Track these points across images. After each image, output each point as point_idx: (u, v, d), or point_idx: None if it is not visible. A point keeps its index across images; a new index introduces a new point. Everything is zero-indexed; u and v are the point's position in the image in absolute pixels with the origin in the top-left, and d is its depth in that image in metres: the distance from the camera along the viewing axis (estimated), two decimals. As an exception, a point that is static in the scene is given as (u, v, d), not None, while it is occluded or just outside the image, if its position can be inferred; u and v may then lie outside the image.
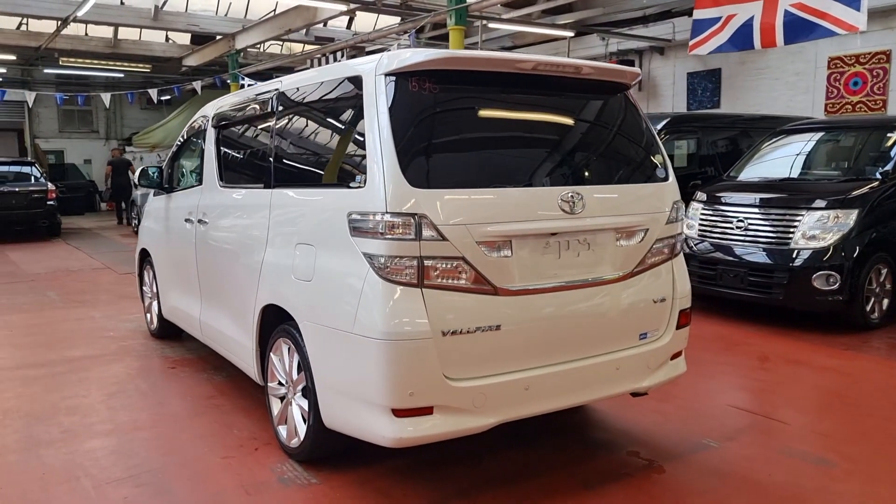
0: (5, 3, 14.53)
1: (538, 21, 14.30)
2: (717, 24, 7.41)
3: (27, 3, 14.77)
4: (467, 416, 3.08)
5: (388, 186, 2.95)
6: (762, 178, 7.49)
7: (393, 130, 3.01)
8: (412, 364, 2.96)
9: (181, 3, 16.15)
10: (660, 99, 15.40)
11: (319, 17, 12.96)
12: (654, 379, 3.67)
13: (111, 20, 15.54)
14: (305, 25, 13.57)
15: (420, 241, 2.94)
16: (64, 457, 3.79)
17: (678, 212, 3.76)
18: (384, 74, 3.12)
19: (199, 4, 16.65)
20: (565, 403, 3.39)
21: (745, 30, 7.15)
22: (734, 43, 7.35)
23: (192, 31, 16.03)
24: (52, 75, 21.93)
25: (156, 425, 4.22)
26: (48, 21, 15.57)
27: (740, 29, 7.19)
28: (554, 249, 3.28)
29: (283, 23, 14.14)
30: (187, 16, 16.25)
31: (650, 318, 3.64)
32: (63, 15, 14.54)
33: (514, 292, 3.16)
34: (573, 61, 3.47)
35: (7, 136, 25.10)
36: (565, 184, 3.29)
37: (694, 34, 7.72)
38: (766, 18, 6.96)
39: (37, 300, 8.10)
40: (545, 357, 3.27)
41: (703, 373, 5.32)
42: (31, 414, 4.42)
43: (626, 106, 3.75)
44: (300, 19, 13.56)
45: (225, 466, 3.67)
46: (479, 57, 3.22)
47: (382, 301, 2.97)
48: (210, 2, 16.54)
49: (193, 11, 16.46)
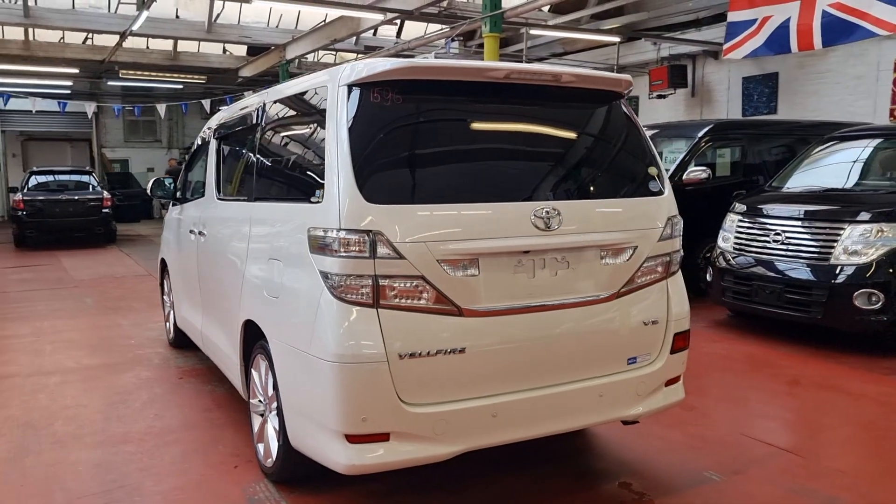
0: (72, 18, 15.14)
1: (583, 27, 13.99)
2: (752, 27, 7.02)
3: (90, 19, 15.36)
4: (427, 444, 2.92)
5: (343, 202, 2.82)
6: (806, 188, 7.04)
7: (351, 143, 2.88)
8: (364, 388, 2.82)
9: (234, 15, 16.48)
10: (714, 105, 14.85)
11: (363, 27, 13.01)
12: (645, 407, 3.42)
13: (167, 33, 15.98)
14: (350, 35, 13.64)
15: (375, 260, 2.81)
16: (46, 469, 3.79)
17: (674, 228, 3.50)
18: (346, 85, 3.00)
19: (252, 16, 16.96)
20: (540, 432, 3.18)
21: (782, 32, 6.75)
22: (770, 46, 6.95)
23: (245, 43, 16.34)
24: (117, 87, 22.74)
25: (145, 438, 4.20)
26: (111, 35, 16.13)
27: (777, 31, 6.78)
28: (527, 268, 3.09)
29: (330, 33, 14.26)
30: (240, 28, 16.57)
31: (640, 341, 3.40)
32: (122, 29, 15.02)
33: (482, 313, 2.99)
34: (552, 68, 3.27)
35: (78, 146, 26.24)
36: (540, 199, 3.09)
37: (728, 37, 7.35)
38: (803, 20, 6.54)
39: (73, 306, 8.31)
40: (517, 382, 3.08)
41: (722, 397, 5.00)
42: (30, 423, 4.47)
43: (618, 116, 3.52)
44: (345, 29, 13.64)
45: (198, 484, 3.60)
46: (444, 66, 3.07)
47: (336, 322, 2.85)
48: (262, 13, 16.82)
49: (246, 23, 16.77)
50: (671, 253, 3.51)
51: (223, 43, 16.49)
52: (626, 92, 3.54)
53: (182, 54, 19.01)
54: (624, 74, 3.50)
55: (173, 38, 16.25)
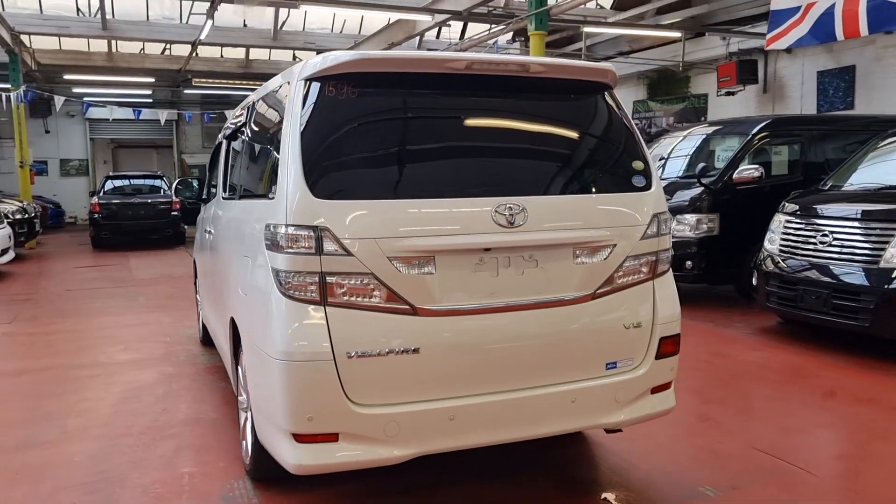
0: (146, 30, 15.89)
1: (643, 24, 13.56)
2: (796, 15, 6.58)
3: (163, 30, 16.07)
4: (378, 446, 2.84)
5: (292, 198, 2.79)
6: (861, 186, 6.56)
7: (302, 138, 2.85)
8: (310, 387, 2.76)
9: (299, 22, 16.87)
10: (786, 101, 14.11)
11: (418, 29, 13.05)
12: (626, 414, 3.23)
13: (235, 42, 16.52)
14: (406, 38, 13.71)
15: (321, 256, 2.75)
16: (45, 459, 3.92)
17: (660, 225, 3.29)
18: (304, 79, 2.97)
19: (318, 23, 17.32)
20: (504, 437, 3.05)
21: (826, 19, 6.29)
22: (815, 34, 6.49)
23: (309, 49, 16.67)
24: (196, 95, 23.67)
25: (145, 432, 4.29)
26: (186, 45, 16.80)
27: (821, 18, 6.32)
28: (489, 266, 2.96)
29: (388, 37, 14.38)
30: (305, 34, 16.95)
31: (620, 345, 3.21)
32: (192, 39, 15.62)
33: (438, 313, 2.88)
34: (519, 58, 3.13)
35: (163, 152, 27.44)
36: (503, 194, 2.95)
37: (771, 27, 6.92)
38: (848, 5, 6.06)
39: (125, 304, 8.66)
40: (477, 385, 2.96)
41: (744, 408, 4.70)
42: (47, 415, 4.64)
43: (599, 108, 3.35)
44: (402, 32, 13.73)
45: (180, 479, 3.64)
46: (400, 58, 2.98)
47: (283, 319, 2.81)
48: (326, 20, 17.15)
49: (311, 29, 17.15)
50: (657, 252, 3.30)
51: (288, 49, 16.87)
52: (608, 82, 3.36)
53: (254, 62, 19.60)
54: (605, 64, 3.33)
55: (241, 46, 16.75)
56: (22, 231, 13.00)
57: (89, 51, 18.01)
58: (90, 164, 23.94)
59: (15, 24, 14.40)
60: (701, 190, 8.01)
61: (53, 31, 15.33)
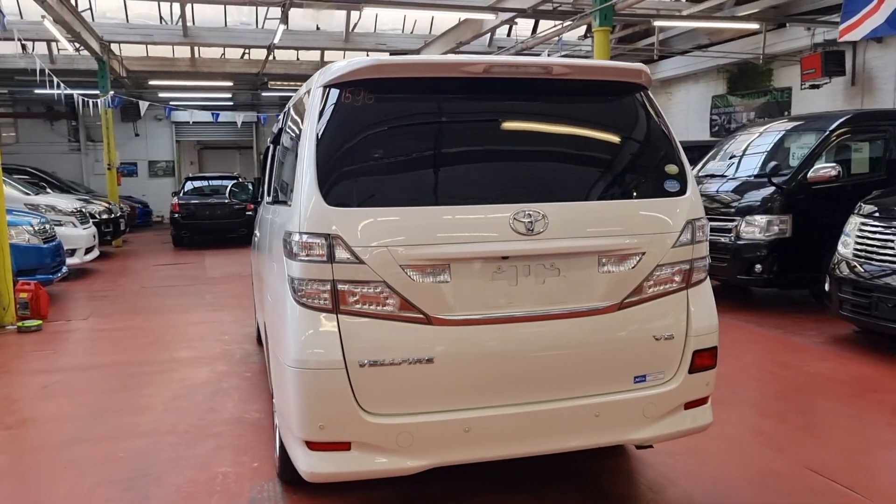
0: (224, 35, 16.44)
1: (718, 15, 13.00)
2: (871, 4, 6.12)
3: (240, 35, 16.58)
4: (391, 456, 2.80)
5: (306, 205, 2.78)
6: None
7: (318, 145, 2.84)
8: (321, 396, 2.75)
9: (371, 24, 17.07)
10: (877, 94, 13.28)
11: (486, 28, 12.96)
12: (656, 430, 3.08)
13: (308, 45, 16.87)
14: (474, 37, 13.65)
15: (333, 264, 2.73)
16: (92, 454, 4.08)
17: (695, 232, 3.12)
18: (322, 86, 2.96)
19: (389, 24, 17.49)
20: (522, 451, 2.96)
21: (904, 7, 5.84)
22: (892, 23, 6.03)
23: (380, 50, 16.85)
24: (275, 97, 24.32)
25: (189, 431, 4.41)
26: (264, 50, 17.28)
27: (900, 6, 5.88)
28: (508, 275, 2.88)
29: (456, 36, 14.36)
30: (376, 35, 17.14)
31: (650, 358, 3.07)
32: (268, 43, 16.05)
33: (453, 322, 2.82)
34: (541, 60, 3.02)
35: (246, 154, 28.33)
36: (523, 201, 2.86)
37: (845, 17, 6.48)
38: (928, -9, 5.62)
39: (193, 302, 8.96)
40: (494, 397, 2.88)
41: (803, 424, 4.43)
42: (101, 411, 4.83)
43: (631, 110, 3.20)
44: (469, 31, 13.68)
45: (213, 479, 3.71)
46: (416, 63, 2.93)
47: (296, 327, 2.81)
48: (398, 21, 17.29)
49: (382, 31, 17.32)
50: (692, 260, 3.14)
51: (360, 51, 17.08)
52: (643, 83, 3.21)
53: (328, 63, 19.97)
54: (637, 64, 3.17)
55: (314, 49, 17.08)
56: (108, 230, 13.65)
57: (174, 57, 18.79)
58: (176, 165, 24.95)
59: (103, 34, 15.15)
60: (772, 190, 7.62)
61: (138, 38, 16.05)
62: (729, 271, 7.85)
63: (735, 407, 4.70)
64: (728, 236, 7.82)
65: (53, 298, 9.08)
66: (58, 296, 9.39)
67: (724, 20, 12.93)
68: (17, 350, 6.64)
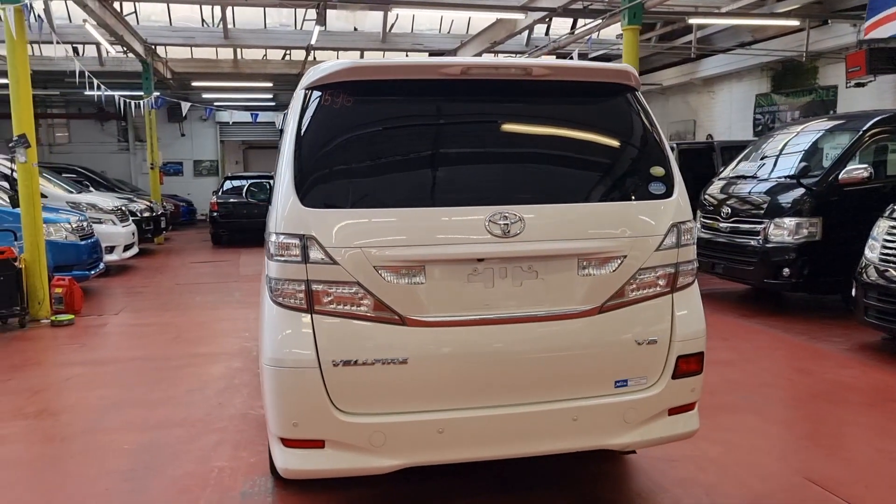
0: (264, 37, 16.74)
1: (757, 12, 12.68)
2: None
3: (279, 37, 16.85)
4: (364, 455, 2.83)
5: (283, 206, 2.83)
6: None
7: (296, 146, 2.89)
8: (295, 394, 2.80)
9: (408, 24, 17.16)
10: (928, 93, 12.79)
11: (519, 27, 12.91)
12: (637, 436, 3.05)
13: (346, 45, 17.02)
14: (508, 36, 13.61)
15: (307, 264, 2.78)
16: (102, 445, 4.21)
17: (680, 235, 3.07)
18: (304, 88, 3.01)
19: (427, 24, 17.55)
20: (497, 454, 2.96)
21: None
22: (920, 21, 5.80)
23: (417, 50, 16.93)
24: (317, 98, 24.65)
25: (196, 424, 4.51)
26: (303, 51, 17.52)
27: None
28: (484, 277, 2.88)
29: (491, 36, 14.34)
30: (412, 36, 17.23)
31: (631, 362, 3.03)
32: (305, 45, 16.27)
33: (428, 323, 2.83)
34: (523, 62, 3.01)
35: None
36: (499, 203, 2.85)
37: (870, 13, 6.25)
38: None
39: (220, 299, 9.15)
40: (468, 399, 2.88)
41: (810, 433, 4.31)
42: (117, 403, 4.98)
43: (616, 111, 3.17)
44: (504, 31, 13.65)
45: (209, 473, 3.80)
46: (391, 65, 2.95)
47: (272, 326, 2.87)
48: (434, 21, 17.34)
49: (419, 31, 17.39)
50: (678, 264, 3.09)
51: (397, 51, 17.19)
52: (632, 85, 3.17)
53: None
54: (623, 65, 3.14)
55: (352, 50, 17.24)
56: (148, 228, 14.04)
57: (217, 58, 19.20)
58: (220, 164, 25.48)
59: (147, 36, 15.58)
60: (802, 192, 7.43)
61: (181, 41, 16.45)
62: (756, 275, 7.68)
63: (743, 414, 4.60)
64: (756, 239, 7.65)
65: (90, 293, 9.40)
66: (95, 291, 9.71)
67: (763, 17, 12.61)
68: (48, 343, 6.89)
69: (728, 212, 8.16)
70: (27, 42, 7.65)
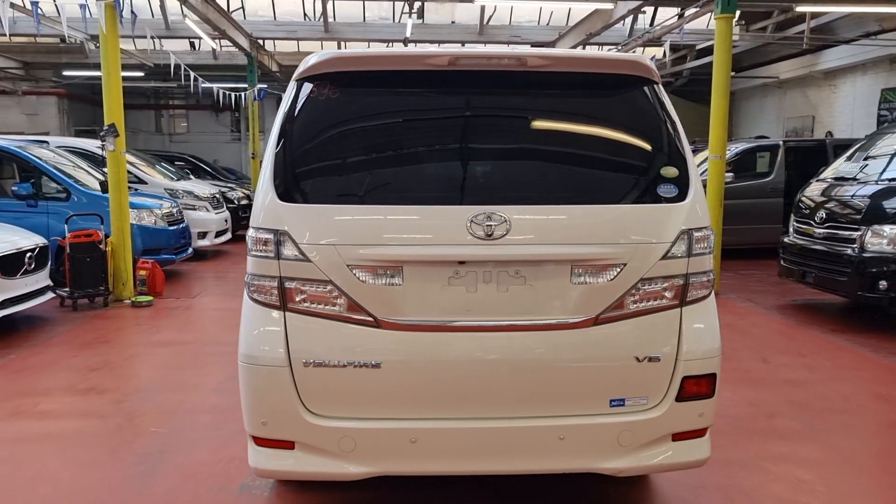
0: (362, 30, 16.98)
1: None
2: None
3: (377, 30, 17.04)
4: (334, 460, 2.74)
5: (262, 200, 2.77)
6: None
7: (279, 139, 2.82)
8: (264, 392, 2.75)
9: (506, 16, 16.93)
10: None
11: (614, 17, 12.42)
12: (632, 461, 2.79)
13: (443, 38, 16.99)
14: (604, 27, 13.10)
15: (279, 261, 2.70)
16: (131, 426, 4.35)
17: (692, 244, 2.77)
18: (295, 80, 2.93)
19: (526, 15, 17.25)
20: (473, 469, 2.79)
21: None
22: None
23: (514, 42, 16.66)
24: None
25: (224, 412, 4.57)
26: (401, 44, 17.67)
27: None
28: (467, 281, 2.70)
29: (587, 27, 13.89)
30: (510, 28, 16.98)
31: (630, 380, 2.77)
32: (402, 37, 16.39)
33: (404, 327, 2.70)
34: (517, 52, 2.79)
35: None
36: (484, 203, 2.67)
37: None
38: None
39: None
40: (444, 409, 2.73)
41: (869, 468, 3.84)
42: (161, 386, 5.16)
43: (626, 106, 2.90)
44: (599, 21, 13.17)
45: (218, 464, 3.82)
46: (377, 56, 2.82)
47: (247, 321, 2.83)
48: (533, 13, 17.01)
49: (518, 23, 17.12)
50: (688, 275, 2.79)
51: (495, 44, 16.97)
52: (648, 77, 2.88)
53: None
54: (637, 56, 2.87)
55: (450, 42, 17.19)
56: (245, 215, 14.58)
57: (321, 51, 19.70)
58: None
59: (253, 31, 16.16)
60: (906, 197, 6.70)
61: (283, 35, 16.98)
62: (849, 286, 6.99)
63: (798, 442, 4.17)
64: (851, 247, 6.97)
65: (179, 276, 9.85)
66: (183, 274, 10.17)
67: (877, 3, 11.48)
68: (122, 323, 7.25)
69: (823, 216, 7.48)
70: (118, 37, 8.05)
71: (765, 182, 11.72)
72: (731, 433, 4.26)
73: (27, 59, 19.32)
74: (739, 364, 5.78)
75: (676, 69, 18.98)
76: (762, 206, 11.25)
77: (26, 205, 8.43)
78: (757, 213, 11.15)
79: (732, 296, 8.61)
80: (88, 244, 7.82)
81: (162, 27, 15.86)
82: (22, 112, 21.53)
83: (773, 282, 9.00)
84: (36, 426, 4.38)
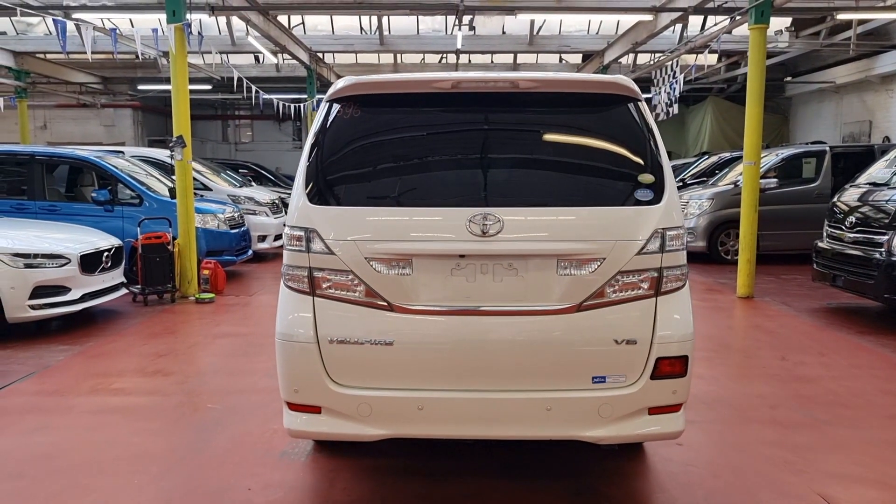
0: (416, 42, 17.59)
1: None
2: None
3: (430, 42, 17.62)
4: (353, 423, 3.22)
5: (296, 203, 3.30)
6: None
7: (309, 152, 3.34)
8: (296, 364, 3.25)
9: (556, 27, 17.27)
10: None
11: (658, 27, 12.65)
12: (611, 431, 3.19)
13: (493, 48, 17.49)
14: (648, 37, 13.33)
15: (309, 254, 3.22)
16: (191, 403, 4.95)
17: (664, 241, 3.17)
18: (327, 101, 3.45)
19: (575, 25, 17.56)
20: (472, 434, 3.24)
21: None
22: None
23: (563, 52, 17.03)
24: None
25: (274, 392, 5.05)
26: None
27: None
28: (467, 272, 3.17)
29: (633, 36, 14.15)
30: (560, 38, 17.32)
31: (610, 360, 3.18)
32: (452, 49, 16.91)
33: (413, 311, 3.18)
34: (510, 75, 3.25)
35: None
36: (481, 205, 3.13)
37: None
38: None
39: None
40: (447, 381, 3.19)
41: (856, 452, 4.11)
42: (218, 370, 5.78)
43: (608, 121, 3.32)
44: (645, 31, 13.42)
45: (265, 434, 4.37)
46: (390, 81, 3.30)
47: (282, 305, 3.34)
48: (583, 22, 17.31)
49: (567, 33, 17.45)
50: (661, 269, 3.18)
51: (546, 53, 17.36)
52: (631, 96, 3.30)
53: (521, 65, 20.50)
54: (620, 77, 3.28)
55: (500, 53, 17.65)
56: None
57: (378, 63, 20.45)
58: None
59: (312, 45, 16.98)
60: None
61: (341, 48, 17.76)
62: (876, 289, 7.14)
63: (796, 429, 4.46)
64: (879, 251, 7.12)
65: (239, 276, 10.58)
66: (243, 274, 10.91)
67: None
68: (187, 317, 7.96)
69: (853, 221, 7.63)
70: (186, 56, 8.81)
71: (811, 188, 11.78)
72: (730, 421, 4.59)
73: (105, 74, 20.66)
74: (757, 361, 6.04)
75: (729, 75, 18.97)
76: (808, 211, 11.28)
77: (104, 209, 9.29)
78: (803, 219, 11.21)
79: (767, 299, 8.79)
80: (158, 245, 8.58)
81: (228, 43, 16.79)
82: (101, 124, 23.06)
83: (811, 286, 9.12)
84: (111, 401, 5.02)
